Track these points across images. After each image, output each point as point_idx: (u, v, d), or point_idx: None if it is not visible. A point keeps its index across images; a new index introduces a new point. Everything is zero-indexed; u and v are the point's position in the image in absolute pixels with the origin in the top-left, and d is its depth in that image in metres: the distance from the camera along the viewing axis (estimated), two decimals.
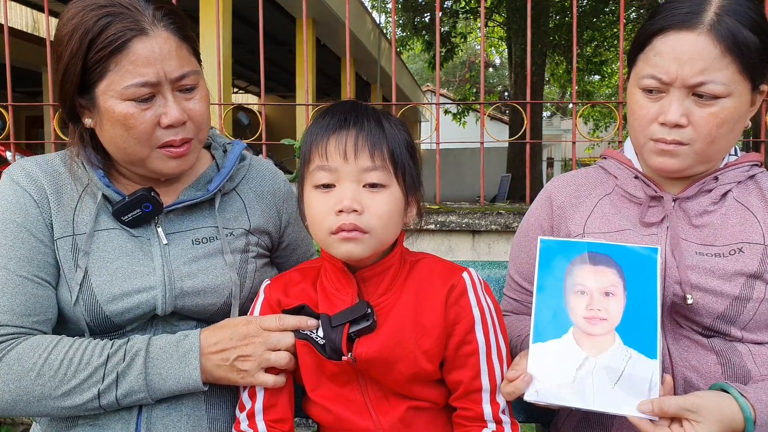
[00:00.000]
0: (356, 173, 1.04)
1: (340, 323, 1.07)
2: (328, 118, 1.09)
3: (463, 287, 1.09)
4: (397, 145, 1.08)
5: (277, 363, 1.11)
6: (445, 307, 1.07)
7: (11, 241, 1.12)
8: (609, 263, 1.05)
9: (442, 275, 1.11)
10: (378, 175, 1.05)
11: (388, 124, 1.09)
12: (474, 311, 1.08)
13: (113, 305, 1.13)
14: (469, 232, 2.95)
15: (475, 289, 1.10)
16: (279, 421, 1.12)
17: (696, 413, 0.97)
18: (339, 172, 1.04)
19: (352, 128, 1.05)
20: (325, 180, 1.05)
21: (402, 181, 1.08)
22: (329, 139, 1.05)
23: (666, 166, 1.16)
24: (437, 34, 3.26)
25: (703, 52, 1.08)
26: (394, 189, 1.07)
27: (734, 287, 1.11)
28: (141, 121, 1.10)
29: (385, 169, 1.05)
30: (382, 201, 1.05)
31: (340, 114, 1.08)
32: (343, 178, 1.04)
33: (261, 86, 3.23)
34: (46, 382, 1.07)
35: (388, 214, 1.06)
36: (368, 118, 1.08)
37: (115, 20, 1.07)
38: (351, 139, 1.04)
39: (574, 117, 3.07)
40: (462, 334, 1.07)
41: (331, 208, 1.04)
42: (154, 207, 1.17)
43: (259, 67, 3.18)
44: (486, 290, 1.12)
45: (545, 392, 1.03)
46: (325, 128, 1.07)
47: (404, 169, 1.08)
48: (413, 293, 1.09)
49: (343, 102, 1.14)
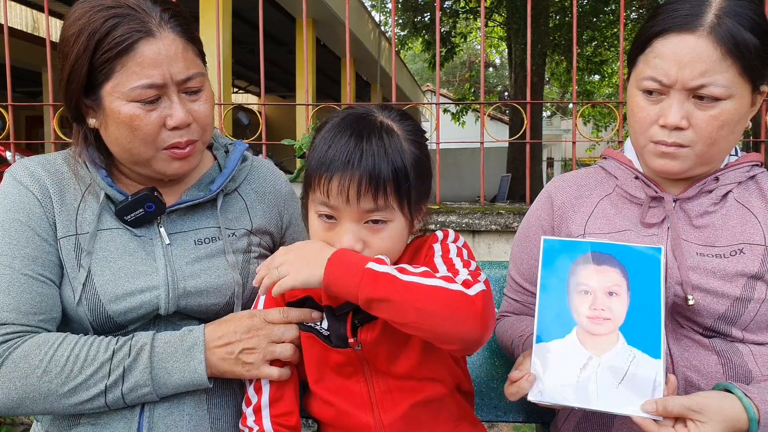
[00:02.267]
0: (358, 214, 1.02)
1: (343, 312, 1.08)
2: (332, 149, 1.02)
3: (434, 240, 1.11)
4: (403, 173, 1.03)
5: (282, 355, 1.12)
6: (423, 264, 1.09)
7: (16, 240, 1.12)
8: (612, 263, 1.05)
9: (420, 247, 1.13)
10: (381, 214, 1.03)
11: (395, 147, 1.03)
12: (436, 249, 1.09)
13: (116, 305, 1.13)
14: (469, 232, 2.95)
15: (446, 238, 1.12)
16: (285, 414, 1.12)
17: (700, 413, 0.97)
18: (340, 211, 1.03)
19: (356, 170, 1.00)
20: (327, 212, 1.05)
21: (407, 209, 1.06)
22: (332, 179, 1.01)
23: (666, 168, 1.16)
24: (437, 34, 3.25)
25: (703, 55, 1.08)
26: (398, 221, 1.06)
27: (735, 288, 1.11)
28: (146, 123, 1.10)
29: (389, 208, 1.03)
30: (384, 238, 1.05)
31: (344, 147, 1.01)
32: (344, 217, 1.03)
33: (261, 86, 3.23)
34: (53, 379, 1.07)
35: (389, 249, 1.06)
36: (375, 148, 1.01)
37: (123, 21, 1.07)
38: (354, 183, 0.99)
39: (574, 117, 3.07)
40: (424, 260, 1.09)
41: (333, 239, 1.05)
42: (157, 207, 1.17)
43: (259, 67, 3.19)
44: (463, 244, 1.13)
45: (549, 392, 1.03)
46: (328, 163, 1.01)
47: (410, 197, 1.05)
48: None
49: (349, 122, 1.06)
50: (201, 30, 6.16)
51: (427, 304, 0.95)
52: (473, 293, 0.96)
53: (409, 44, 13.45)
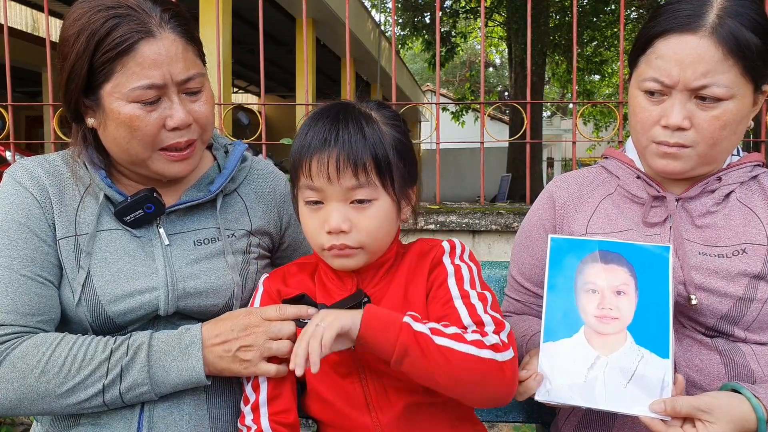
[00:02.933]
0: (342, 192, 1.04)
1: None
2: (310, 133, 1.06)
3: (442, 252, 1.12)
4: (382, 151, 1.05)
5: (279, 352, 1.11)
6: (427, 275, 1.10)
7: (14, 241, 1.12)
8: (620, 262, 1.05)
9: (425, 254, 1.13)
10: (364, 192, 1.04)
11: (373, 128, 1.06)
12: (448, 268, 1.10)
13: (116, 306, 1.13)
14: (469, 232, 2.95)
15: (453, 253, 1.12)
16: (283, 411, 1.12)
17: (709, 413, 0.97)
18: (325, 191, 1.04)
19: (333, 147, 1.02)
20: (313, 197, 1.06)
21: (391, 188, 1.07)
22: (311, 159, 1.03)
23: (668, 168, 1.16)
24: (437, 34, 3.25)
25: (705, 55, 1.08)
26: (383, 200, 1.07)
27: (738, 288, 1.11)
28: (146, 123, 1.10)
29: (371, 184, 1.04)
30: (371, 216, 1.06)
31: (321, 129, 1.05)
32: (329, 198, 1.05)
33: (261, 86, 3.23)
34: (50, 380, 1.07)
35: (377, 228, 1.06)
36: (350, 130, 1.04)
37: (123, 22, 1.07)
38: (332, 159, 1.02)
39: (574, 117, 3.07)
40: (437, 287, 1.09)
41: (321, 225, 1.06)
42: (157, 208, 1.17)
43: (259, 67, 3.18)
44: (469, 256, 1.14)
45: (556, 392, 1.03)
46: (307, 146, 1.05)
47: (392, 176, 1.07)
48: (404, 275, 1.12)
49: (327, 109, 1.10)
50: (201, 30, 6.16)
51: (459, 372, 0.98)
52: (504, 359, 1.00)
53: (409, 44, 13.46)
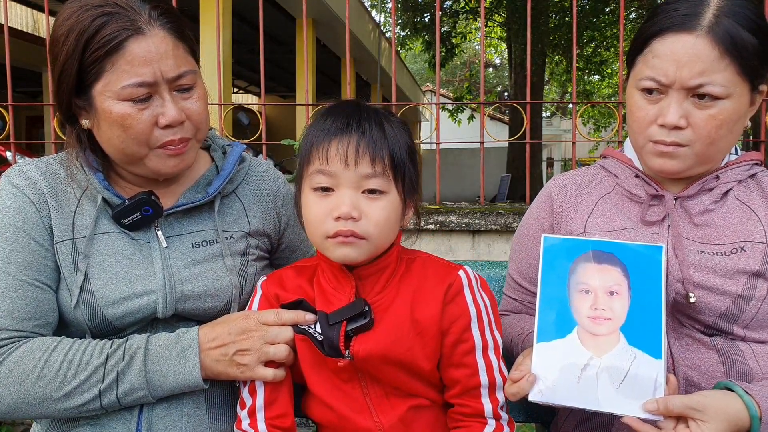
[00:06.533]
0: (356, 179, 1.04)
1: (337, 321, 1.07)
2: (330, 120, 1.07)
3: (460, 285, 1.10)
4: (398, 149, 1.07)
5: (276, 356, 1.11)
6: (442, 305, 1.08)
7: (11, 246, 1.12)
8: (613, 262, 1.05)
9: (438, 274, 1.11)
10: (378, 182, 1.04)
11: (390, 127, 1.08)
12: (470, 309, 1.09)
13: (114, 309, 1.13)
14: (469, 232, 2.95)
15: (471, 286, 1.10)
16: (280, 416, 1.12)
17: (702, 412, 0.97)
18: (339, 177, 1.04)
19: (354, 133, 1.04)
20: (325, 183, 1.05)
21: (401, 187, 1.08)
22: (330, 143, 1.04)
23: (665, 167, 1.16)
24: (437, 34, 3.25)
25: (701, 54, 1.08)
26: (393, 195, 1.07)
27: (736, 286, 1.11)
28: (138, 121, 1.09)
29: (385, 176, 1.05)
30: (381, 208, 1.05)
31: (342, 117, 1.06)
32: (342, 184, 1.04)
33: (261, 86, 3.23)
34: (47, 384, 1.07)
35: (385, 221, 1.06)
36: (371, 121, 1.06)
37: (111, 20, 1.06)
38: (353, 144, 1.03)
39: (574, 117, 3.07)
40: (459, 332, 1.08)
41: (329, 212, 1.04)
42: (154, 210, 1.17)
43: (259, 67, 3.18)
44: (482, 286, 1.13)
45: (549, 392, 1.03)
46: (326, 131, 1.06)
47: (404, 174, 1.08)
48: (410, 291, 1.10)
49: (346, 103, 1.13)
50: (201, 30, 6.16)
51: None
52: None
53: (409, 44, 13.45)
